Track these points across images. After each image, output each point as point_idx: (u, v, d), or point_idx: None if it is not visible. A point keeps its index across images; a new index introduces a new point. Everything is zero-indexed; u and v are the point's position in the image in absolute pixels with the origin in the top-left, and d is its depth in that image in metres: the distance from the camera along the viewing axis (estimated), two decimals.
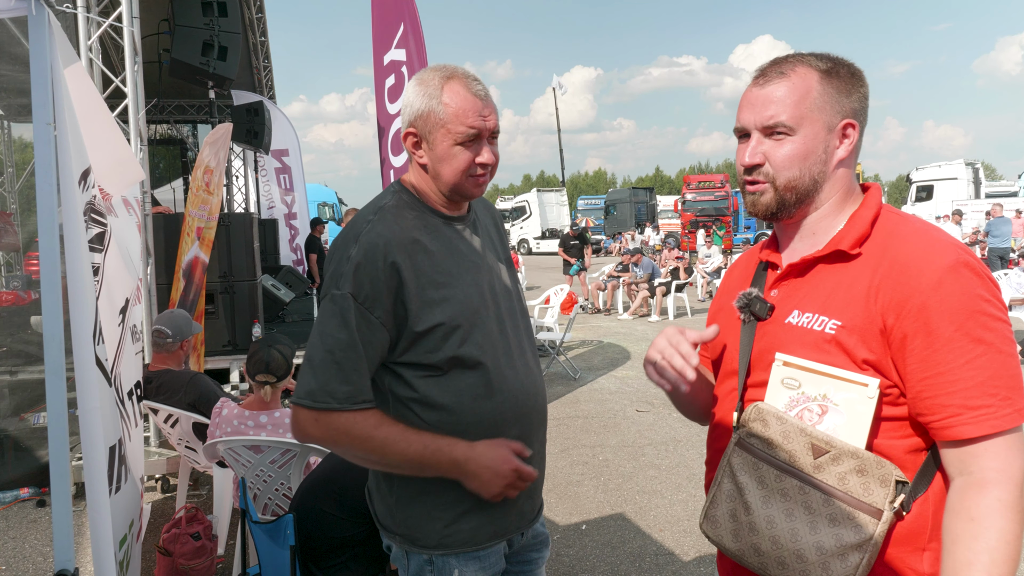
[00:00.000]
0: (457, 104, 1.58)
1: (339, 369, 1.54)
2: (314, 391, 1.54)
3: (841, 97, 1.31)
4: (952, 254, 1.19)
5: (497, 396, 1.64)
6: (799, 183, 1.32)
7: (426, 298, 1.58)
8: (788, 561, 1.24)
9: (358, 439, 1.56)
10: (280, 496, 3.25)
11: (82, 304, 1.90)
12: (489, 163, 1.63)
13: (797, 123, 1.30)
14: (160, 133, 13.55)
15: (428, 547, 1.65)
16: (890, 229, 1.28)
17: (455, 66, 1.64)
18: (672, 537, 4.14)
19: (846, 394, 1.23)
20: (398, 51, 5.56)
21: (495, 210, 1.95)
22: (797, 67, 1.32)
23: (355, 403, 1.55)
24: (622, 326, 12.60)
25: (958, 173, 25.18)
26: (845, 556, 1.20)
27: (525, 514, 1.75)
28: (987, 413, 1.14)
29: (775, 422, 1.28)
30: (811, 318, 1.28)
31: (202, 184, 5.65)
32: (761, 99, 1.33)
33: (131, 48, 5.27)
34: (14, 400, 5.09)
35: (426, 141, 1.63)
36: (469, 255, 1.70)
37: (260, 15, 10.60)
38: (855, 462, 1.20)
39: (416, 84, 1.64)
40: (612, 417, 6.72)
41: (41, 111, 1.80)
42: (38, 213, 1.80)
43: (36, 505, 4.75)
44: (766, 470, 1.28)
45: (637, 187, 44.12)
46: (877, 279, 1.22)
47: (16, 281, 8.77)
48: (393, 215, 1.63)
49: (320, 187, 27.08)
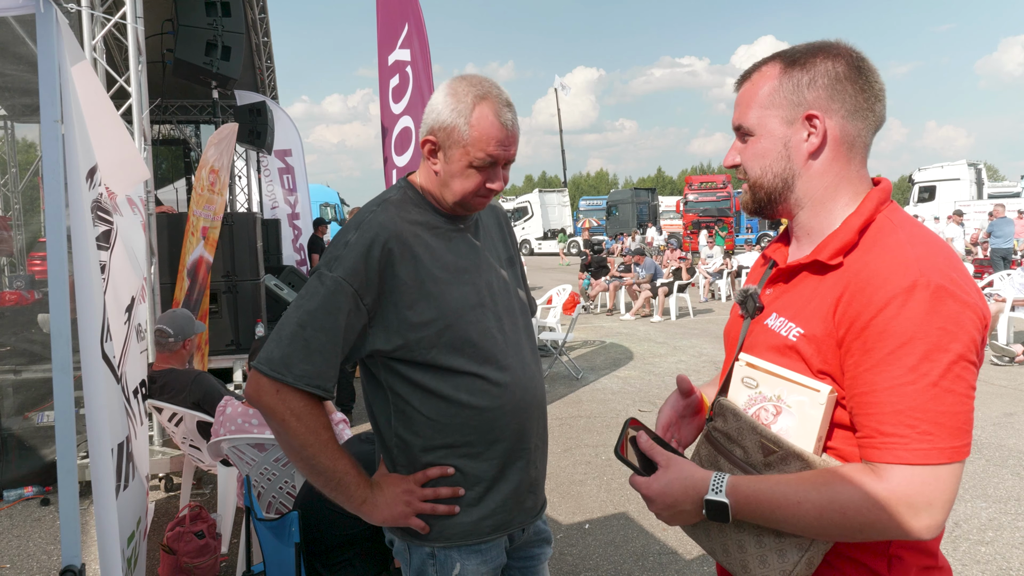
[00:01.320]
0: (482, 130, 1.59)
1: (305, 345, 1.52)
2: (274, 359, 1.52)
3: (801, 88, 1.26)
4: (913, 274, 1.11)
5: (494, 391, 1.64)
6: (763, 181, 1.32)
7: (423, 291, 1.59)
8: (731, 550, 1.27)
9: (305, 429, 1.54)
10: (284, 494, 3.25)
11: (89, 301, 1.91)
12: (498, 190, 1.66)
13: (756, 123, 1.31)
14: (163, 133, 13.56)
15: (430, 540, 1.67)
16: (875, 238, 1.22)
17: (491, 85, 1.63)
18: (675, 536, 4.14)
19: (798, 397, 1.23)
20: (402, 51, 5.57)
21: (501, 210, 1.95)
22: (763, 66, 1.32)
23: (309, 384, 1.52)
24: (624, 326, 12.60)
25: (960, 174, 25.12)
26: (783, 552, 1.20)
27: (527, 510, 1.76)
28: (896, 443, 1.09)
29: (732, 418, 1.30)
30: (783, 323, 1.28)
31: (207, 184, 5.66)
32: (735, 103, 1.37)
33: (135, 47, 5.28)
34: (18, 399, 5.10)
35: (444, 152, 1.64)
36: (467, 254, 1.71)
37: (263, 15, 10.61)
38: (801, 464, 1.20)
39: (448, 95, 1.63)
40: (615, 417, 6.72)
41: (49, 108, 1.81)
42: (45, 210, 1.80)
43: (40, 504, 4.76)
44: (723, 463, 1.31)
45: (639, 188, 44.07)
46: (842, 292, 1.19)
47: (19, 281, 8.79)
48: (396, 208, 1.65)
49: (322, 187, 27.06)
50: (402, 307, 1.58)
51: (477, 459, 1.66)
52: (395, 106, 5.75)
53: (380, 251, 1.56)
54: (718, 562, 1.34)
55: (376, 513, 1.63)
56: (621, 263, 15.52)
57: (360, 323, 1.57)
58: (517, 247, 1.95)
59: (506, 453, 1.68)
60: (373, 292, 1.56)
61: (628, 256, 14.68)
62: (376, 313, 1.58)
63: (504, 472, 1.68)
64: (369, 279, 1.55)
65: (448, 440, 1.64)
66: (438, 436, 1.64)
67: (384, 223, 1.59)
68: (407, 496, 1.63)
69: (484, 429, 1.64)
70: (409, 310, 1.58)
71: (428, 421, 1.63)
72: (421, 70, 5.50)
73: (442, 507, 1.64)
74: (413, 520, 1.64)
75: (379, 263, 1.56)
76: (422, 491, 1.64)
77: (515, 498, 1.71)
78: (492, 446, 1.66)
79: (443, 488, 1.64)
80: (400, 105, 5.68)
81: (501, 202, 41.21)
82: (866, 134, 1.28)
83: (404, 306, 1.58)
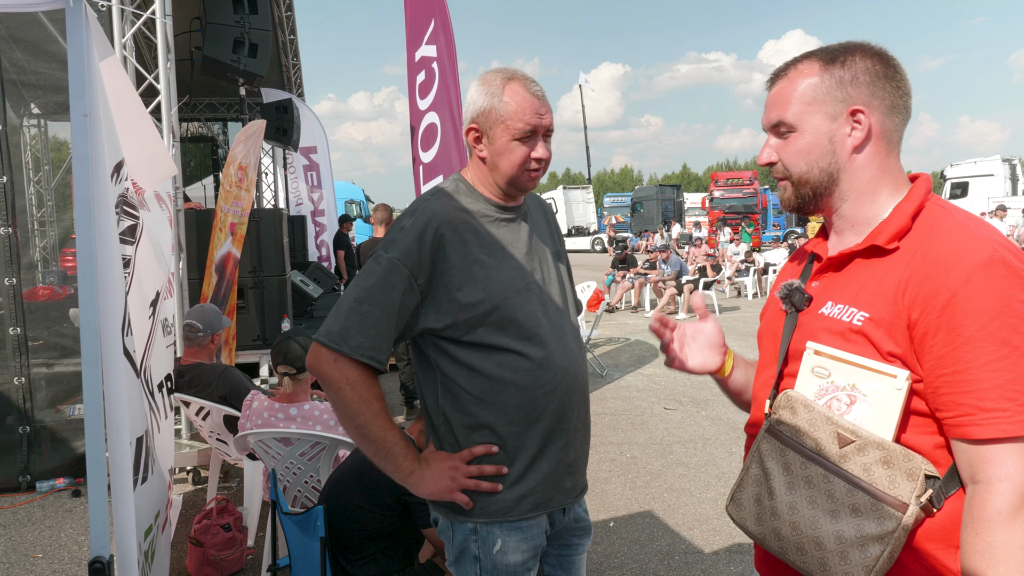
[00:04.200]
0: (517, 103, 1.70)
1: (361, 319, 1.63)
2: (332, 332, 1.64)
3: (844, 85, 1.30)
4: (987, 250, 1.15)
5: (537, 371, 1.71)
6: (809, 177, 1.34)
7: (470, 274, 1.69)
8: (807, 547, 1.25)
9: (359, 398, 1.65)
10: (309, 488, 3.27)
11: (111, 295, 1.92)
12: (543, 158, 1.74)
13: (798, 119, 1.33)
14: (191, 130, 13.72)
15: (473, 516, 1.73)
16: (930, 223, 1.25)
17: (515, 69, 1.76)
18: (701, 535, 4.10)
19: (875, 384, 1.22)
20: (429, 47, 5.58)
21: (548, 208, 2.03)
22: (799, 64, 1.35)
23: (364, 355, 1.63)
24: (648, 324, 12.51)
25: (994, 170, 24.55)
26: (865, 547, 1.19)
27: (567, 491, 1.81)
28: (1000, 417, 1.09)
29: (803, 410, 1.29)
30: (842, 309, 1.28)
31: (235, 180, 5.70)
32: (768, 101, 1.38)
33: (164, 44, 5.34)
34: (50, 392, 5.18)
35: (487, 136, 1.74)
36: (515, 242, 1.80)
37: (289, 13, 10.69)
38: (881, 453, 1.19)
39: (479, 84, 1.76)
40: (640, 415, 6.68)
41: (78, 102, 1.82)
42: (75, 204, 1.82)
43: (71, 495, 4.84)
44: (792, 457, 1.29)
45: (664, 184, 43.80)
46: (908, 273, 1.20)
47: (52, 276, 8.95)
48: (448, 197, 1.76)
49: (348, 184, 27.22)
50: (451, 288, 1.68)
51: (519, 437, 1.72)
52: (421, 102, 5.75)
53: (432, 235, 1.67)
54: (791, 563, 1.29)
55: (422, 486, 1.71)
56: (646, 260, 15.42)
57: (413, 302, 1.67)
58: (563, 244, 2.02)
59: (547, 432, 1.74)
60: (426, 273, 1.67)
61: (654, 253, 14.56)
62: (428, 293, 1.68)
63: (544, 451, 1.74)
64: (422, 261, 1.66)
65: (491, 418, 1.71)
66: (482, 414, 1.71)
67: (436, 210, 1.71)
68: (452, 472, 1.71)
69: (526, 407, 1.71)
70: (458, 291, 1.68)
71: (472, 399, 1.71)
72: (447, 66, 5.49)
73: (485, 484, 1.71)
74: (457, 495, 1.71)
75: (431, 246, 1.67)
76: (467, 468, 1.71)
77: (554, 477, 1.77)
78: (533, 424, 1.72)
79: (487, 466, 1.71)
80: (426, 101, 5.68)
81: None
82: (900, 128, 1.33)
83: (453, 287, 1.68)
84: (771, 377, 1.42)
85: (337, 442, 3.14)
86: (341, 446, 3.18)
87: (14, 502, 4.74)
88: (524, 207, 1.86)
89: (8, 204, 4.88)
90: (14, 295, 4.92)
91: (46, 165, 11.33)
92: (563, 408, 1.76)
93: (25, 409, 5.01)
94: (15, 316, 4.94)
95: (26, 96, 7.11)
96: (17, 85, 5.39)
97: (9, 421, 5.03)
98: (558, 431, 1.75)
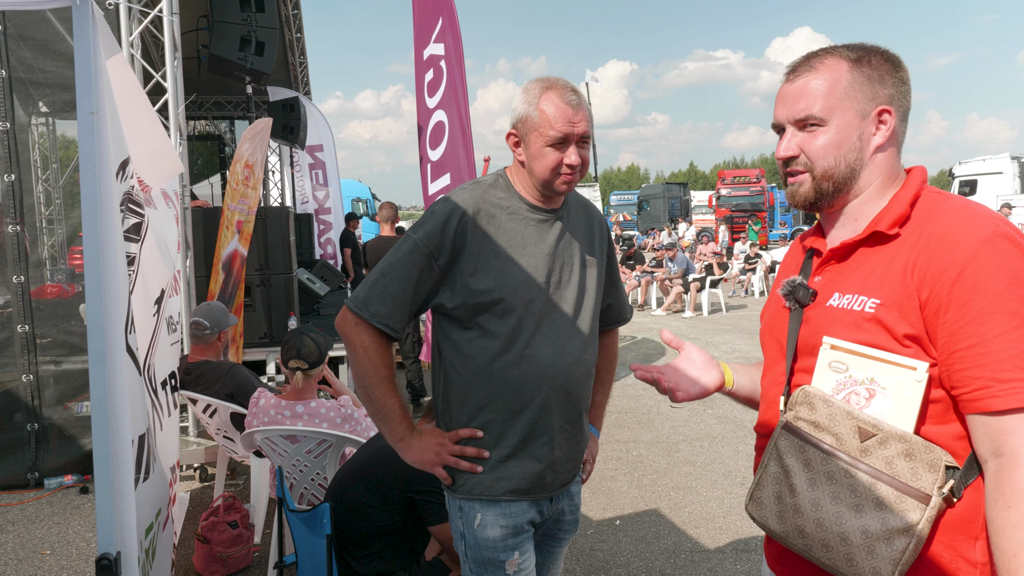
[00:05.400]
0: (551, 112, 1.78)
1: (383, 290, 1.80)
2: (358, 298, 1.82)
3: (873, 84, 1.32)
4: (990, 226, 1.18)
5: (524, 365, 1.81)
6: (835, 172, 1.34)
7: (485, 263, 1.80)
8: (832, 544, 1.24)
9: (369, 361, 1.82)
10: (316, 486, 3.27)
11: (114, 293, 1.92)
12: (575, 164, 1.81)
13: (828, 113, 1.33)
14: (198, 129, 13.76)
15: (459, 493, 1.88)
16: (930, 208, 1.27)
17: (557, 78, 1.86)
18: (708, 534, 4.09)
19: (894, 377, 1.22)
20: (437, 45, 5.57)
21: (597, 215, 2.07)
22: (826, 59, 1.35)
23: (380, 321, 1.79)
24: (655, 322, 12.50)
25: (1003, 167, 24.37)
26: (891, 540, 1.19)
27: (547, 484, 1.90)
28: (1018, 387, 1.10)
29: (822, 405, 1.29)
30: (851, 299, 1.29)
31: (241, 178, 5.71)
32: (792, 94, 1.37)
33: (171, 42, 5.34)
34: (58, 389, 5.20)
35: (524, 142, 1.84)
36: (540, 241, 1.87)
37: (296, 11, 10.69)
38: (903, 446, 1.20)
39: (521, 92, 1.87)
40: (646, 413, 6.67)
41: (84, 100, 1.82)
42: (82, 201, 1.82)
43: (80, 492, 4.86)
44: (812, 453, 1.29)
45: (671, 182, 43.72)
46: (914, 255, 1.22)
47: (60, 274, 8.98)
48: (483, 190, 1.88)
49: (354, 183, 27.23)
50: (466, 273, 1.80)
51: (502, 425, 1.83)
52: (429, 100, 5.74)
53: (457, 222, 1.80)
54: (816, 561, 1.28)
55: (409, 453, 1.88)
56: (653, 258, 15.39)
57: (432, 279, 1.82)
58: (610, 254, 2.08)
59: (529, 425, 1.83)
60: (446, 255, 1.80)
61: (660, 251, 14.53)
62: (448, 273, 1.82)
63: (526, 443, 1.84)
64: (444, 244, 1.79)
65: (478, 403, 1.84)
66: (470, 398, 1.84)
67: (466, 200, 1.83)
68: (439, 448, 1.86)
69: (510, 398, 1.82)
70: (471, 277, 1.80)
71: (464, 383, 1.84)
72: (455, 64, 5.49)
73: (464, 463, 1.85)
74: (438, 469, 1.87)
75: (455, 231, 1.79)
76: (452, 447, 1.86)
77: (534, 471, 1.86)
78: (517, 415, 1.83)
79: (469, 448, 1.85)
80: (434, 99, 5.68)
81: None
82: (905, 130, 1.38)
83: (467, 272, 1.80)
84: (781, 375, 1.42)
85: (343, 440, 3.15)
86: (347, 444, 3.18)
87: (23, 499, 4.76)
88: (563, 210, 1.93)
89: (16, 202, 4.90)
90: (22, 293, 4.94)
91: (54, 163, 11.36)
92: (548, 406, 1.84)
93: (33, 406, 5.03)
94: (23, 314, 4.96)
95: (34, 94, 7.12)
96: (25, 83, 5.41)
97: (17, 418, 5.06)
98: (541, 427, 1.84)
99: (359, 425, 3.27)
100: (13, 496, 4.80)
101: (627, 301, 2.21)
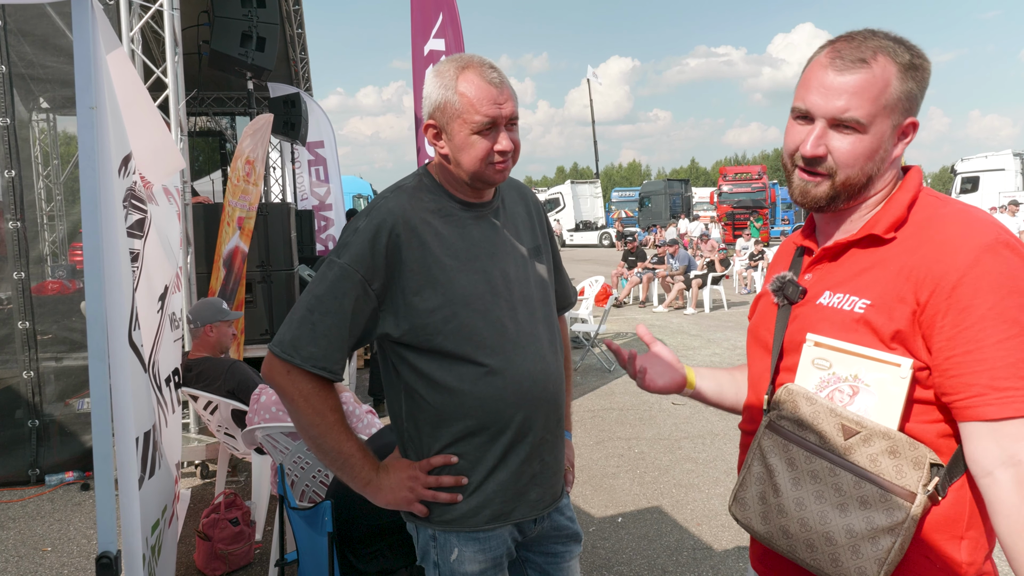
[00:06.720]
0: (472, 94, 1.57)
1: (312, 329, 1.58)
2: (284, 341, 1.59)
3: (913, 97, 1.25)
4: (991, 233, 1.16)
5: (499, 380, 1.63)
6: (857, 181, 1.28)
7: (429, 277, 1.60)
8: (817, 544, 1.23)
9: (312, 410, 1.61)
10: (317, 483, 3.26)
11: (118, 289, 1.91)
12: (507, 150, 1.62)
13: (870, 120, 1.23)
14: (199, 125, 13.73)
15: (431, 523, 1.70)
16: (928, 213, 1.25)
17: (471, 55, 1.64)
18: (710, 531, 4.08)
19: (878, 374, 1.20)
20: (437, 40, 5.55)
21: (532, 197, 1.90)
22: (879, 56, 1.23)
23: (315, 366, 1.58)
24: (657, 319, 12.49)
25: (1006, 164, 24.34)
26: (876, 539, 1.17)
27: (533, 503, 1.73)
28: (1014, 396, 1.08)
29: (805, 403, 1.27)
30: (841, 298, 1.27)
31: (242, 175, 5.70)
32: (836, 87, 1.23)
33: (171, 38, 5.33)
34: (59, 386, 5.20)
35: (445, 132, 1.63)
36: (482, 242, 1.69)
37: (297, 7, 10.65)
38: (887, 443, 1.18)
39: (433, 76, 1.64)
40: (648, 410, 6.66)
41: (84, 95, 1.81)
42: (81, 197, 1.81)
43: (80, 489, 4.86)
44: (796, 452, 1.27)
45: (672, 179, 43.69)
46: (913, 260, 1.19)
47: (61, 271, 8.97)
48: (409, 195, 1.67)
49: (355, 179, 27.28)
50: (408, 293, 1.60)
51: (479, 448, 1.66)
52: None
53: (387, 237, 1.58)
54: (800, 562, 1.26)
55: (380, 495, 1.68)
56: (655, 255, 15.38)
57: (369, 307, 1.60)
58: (550, 235, 1.91)
59: (508, 444, 1.66)
60: (381, 277, 1.59)
61: (662, 247, 14.51)
62: (385, 298, 1.61)
63: (505, 462, 1.67)
64: (376, 265, 1.58)
65: (452, 428, 1.65)
66: (443, 424, 1.65)
67: (392, 209, 1.62)
68: (411, 482, 1.66)
69: (486, 419, 1.64)
70: (415, 296, 1.60)
71: (433, 409, 1.64)
72: None
73: (444, 495, 1.66)
74: (415, 505, 1.68)
75: (386, 249, 1.58)
76: (426, 478, 1.66)
77: (516, 489, 1.69)
78: (496, 437, 1.65)
79: (446, 476, 1.66)
80: None
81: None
82: None
83: (410, 292, 1.60)
84: (765, 371, 1.40)
85: None
86: None
87: (23, 495, 4.76)
88: (496, 202, 1.75)
89: (17, 198, 4.89)
90: (23, 289, 4.93)
91: (55, 159, 11.35)
92: (528, 420, 1.67)
93: (34, 403, 5.03)
94: (24, 310, 4.96)
95: (35, 90, 7.10)
96: (26, 79, 5.39)
97: (18, 415, 5.05)
98: (522, 443, 1.67)
99: (360, 423, 3.26)
100: (14, 493, 4.80)
101: (570, 283, 1.99)
